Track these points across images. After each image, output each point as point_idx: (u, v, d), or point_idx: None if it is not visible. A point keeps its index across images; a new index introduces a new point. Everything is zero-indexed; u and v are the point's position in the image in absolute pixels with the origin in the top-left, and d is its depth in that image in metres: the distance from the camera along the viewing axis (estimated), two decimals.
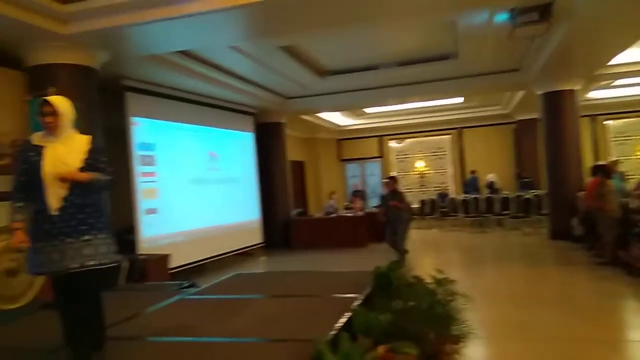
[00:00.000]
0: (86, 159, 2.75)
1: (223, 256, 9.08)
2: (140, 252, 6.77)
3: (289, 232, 11.04)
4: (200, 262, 8.33)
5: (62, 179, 2.62)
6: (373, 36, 7.37)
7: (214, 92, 8.83)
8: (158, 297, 4.60)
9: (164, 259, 6.53)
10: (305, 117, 12.89)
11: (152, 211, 7.45)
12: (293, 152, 13.48)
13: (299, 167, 15.36)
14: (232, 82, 8.58)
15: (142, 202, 7.27)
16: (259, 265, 9.48)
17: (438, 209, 13.54)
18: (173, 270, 6.90)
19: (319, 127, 14.96)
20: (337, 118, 15.07)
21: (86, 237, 2.68)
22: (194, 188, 8.52)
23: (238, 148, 10.24)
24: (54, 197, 2.66)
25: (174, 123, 8.21)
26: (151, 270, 6.08)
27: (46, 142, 2.74)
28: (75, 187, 2.69)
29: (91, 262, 2.68)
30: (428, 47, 8.20)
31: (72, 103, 2.83)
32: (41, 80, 5.23)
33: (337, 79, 9.55)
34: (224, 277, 5.45)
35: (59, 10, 4.91)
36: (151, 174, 7.54)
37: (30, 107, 4.44)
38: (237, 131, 10.20)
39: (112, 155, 6.48)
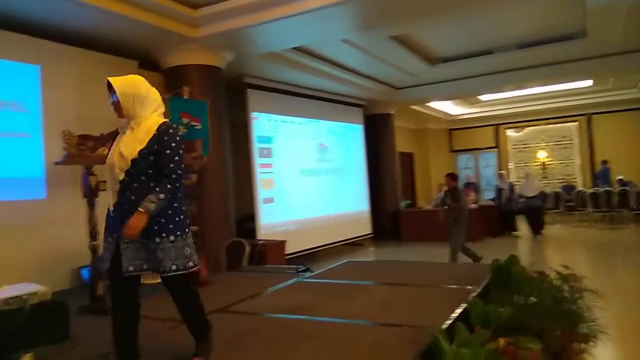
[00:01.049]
0: (142, 150, 2.32)
1: (333, 245, 9.36)
2: (260, 238, 7.25)
3: (397, 223, 10.99)
4: (312, 250, 8.67)
5: (128, 235, 2.31)
6: (489, 19, 7.01)
7: (325, 85, 9.09)
8: (277, 278, 4.92)
9: (281, 244, 6.92)
10: (415, 107, 12.68)
11: (269, 200, 7.93)
12: (402, 144, 13.35)
13: (407, 158, 15.17)
14: (343, 75, 8.75)
15: (261, 191, 7.76)
16: (369, 255, 9.59)
17: (563, 202, 12.49)
18: (288, 256, 7.29)
19: (429, 117, 14.61)
20: (449, 107, 14.57)
21: (142, 240, 2.36)
22: (306, 178, 8.89)
23: (348, 140, 10.42)
24: (111, 191, 2.44)
25: (288, 117, 8.62)
26: (269, 254, 6.49)
27: (121, 130, 2.49)
28: (130, 182, 2.36)
29: (145, 266, 2.40)
30: (551, 27, 7.58)
31: (140, 82, 2.45)
32: (176, 80, 5.84)
33: (449, 66, 9.24)
34: (336, 264, 5.63)
35: (191, 15, 5.43)
36: (268, 165, 8.02)
37: (170, 106, 4.97)
38: (346, 123, 10.38)
39: (235, 148, 7.12)
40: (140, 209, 2.28)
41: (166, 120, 2.46)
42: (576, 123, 14.83)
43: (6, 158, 4.57)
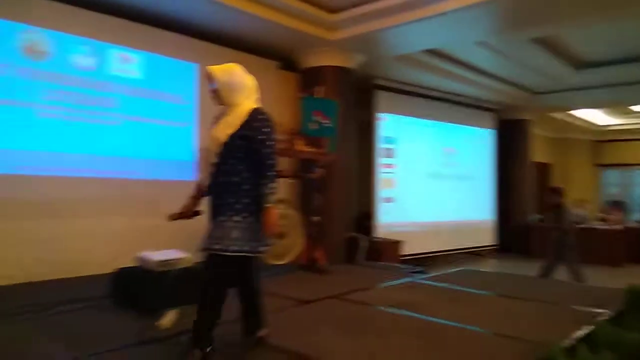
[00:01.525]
0: (233, 134, 2.42)
1: (451, 252, 9.11)
2: (376, 236, 7.39)
3: (525, 237, 10.28)
4: (429, 254, 8.56)
5: (272, 233, 2.51)
6: None
7: (455, 88, 8.87)
8: (391, 275, 5.02)
9: (397, 244, 6.99)
10: (554, 114, 11.71)
11: (389, 200, 8.02)
12: (537, 153, 12.42)
13: (543, 169, 14.06)
14: (475, 77, 8.46)
15: (381, 191, 7.89)
16: (489, 267, 9.16)
17: None
18: (403, 257, 7.31)
19: (571, 125, 13.36)
20: (596, 116, 13.17)
21: (221, 218, 2.44)
22: (428, 181, 8.79)
23: (475, 145, 10.04)
24: (205, 172, 2.56)
25: (414, 118, 8.60)
26: (385, 252, 6.60)
27: (220, 115, 2.58)
28: (221, 164, 2.46)
29: (216, 246, 2.41)
30: None
31: (236, 71, 2.53)
32: (311, 80, 6.23)
33: (598, 72, 8.39)
34: (452, 270, 5.55)
35: (328, 19, 5.74)
36: (391, 165, 8.11)
37: (303, 104, 5.36)
38: (475, 127, 10.00)
39: (360, 147, 7.34)
40: (266, 205, 2.41)
41: (258, 106, 2.52)
42: None
43: (167, 143, 5.32)
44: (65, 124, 4.57)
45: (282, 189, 6.21)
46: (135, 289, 3.52)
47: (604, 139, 14.74)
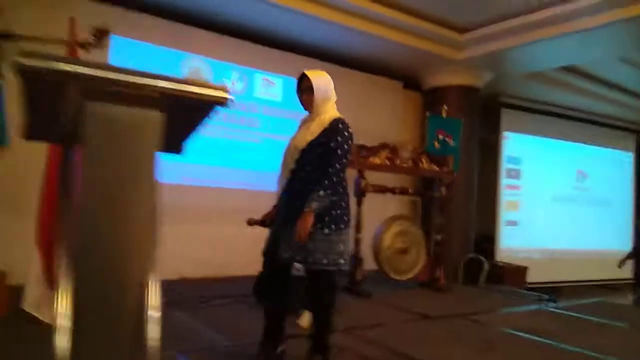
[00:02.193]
0: (312, 141, 2.40)
1: (581, 283, 8.41)
2: (498, 260, 7.13)
3: None
4: (556, 284, 8.00)
5: (300, 238, 2.35)
6: None
7: (591, 106, 8.28)
8: (516, 301, 4.86)
9: (522, 270, 6.69)
10: None
11: (512, 223, 7.70)
12: None
13: None
14: (614, 95, 7.83)
15: (504, 213, 7.61)
16: (626, 301, 8.28)
17: None
18: (527, 285, 6.95)
19: None
20: None
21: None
22: (557, 205, 8.27)
23: (613, 168, 9.21)
24: (283, 178, 2.52)
25: (542, 138, 8.19)
26: (508, 278, 6.36)
27: (303, 122, 2.56)
28: (297, 171, 2.44)
29: (297, 257, 2.38)
30: None
31: (329, 79, 2.53)
32: (435, 99, 6.32)
33: None
34: (587, 301, 5.20)
35: (457, 39, 5.80)
36: (515, 187, 7.80)
37: (428, 123, 5.46)
38: (612, 149, 9.19)
39: (483, 167, 7.20)
40: (306, 209, 2.32)
41: (340, 116, 2.49)
42: None
43: None
44: (220, 141, 5.20)
45: (403, 206, 6.39)
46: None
47: None
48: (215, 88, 1.44)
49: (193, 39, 5.04)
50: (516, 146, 7.87)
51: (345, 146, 2.40)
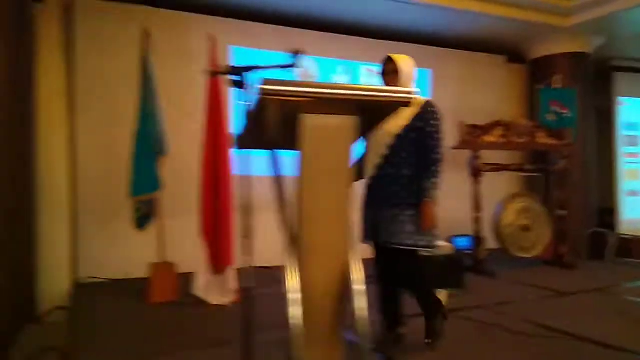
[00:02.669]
0: (407, 126, 2.40)
1: None
2: (622, 232, 6.73)
3: None
4: None
5: (428, 226, 2.41)
6: None
7: None
8: None
9: None
10: None
11: (633, 193, 7.21)
12: None
13: None
14: None
15: (625, 183, 7.14)
16: None
17: None
18: None
19: None
20: None
21: (394, 212, 2.40)
22: None
23: None
24: (370, 164, 2.51)
25: None
26: (636, 250, 6.01)
27: None
28: (391, 157, 2.44)
29: (394, 240, 2.39)
30: None
31: (412, 62, 2.53)
32: (542, 70, 6.08)
33: None
34: None
35: (563, 6, 5.54)
36: (635, 154, 7.28)
37: (540, 96, 5.30)
38: None
39: (599, 136, 6.81)
40: (427, 199, 2.37)
41: (429, 99, 2.50)
42: None
43: None
44: None
45: (516, 183, 6.25)
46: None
47: None
48: (401, 92, 1.63)
49: (298, 40, 5.31)
50: (633, 112, 7.33)
51: (441, 129, 2.44)
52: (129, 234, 3.88)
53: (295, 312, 1.60)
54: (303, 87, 1.49)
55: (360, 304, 1.74)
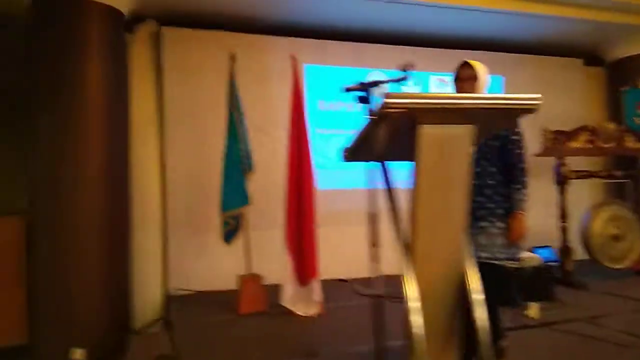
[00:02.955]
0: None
1: None
2: None
3: None
4: None
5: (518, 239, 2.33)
6: None
7: None
8: None
9: None
10: None
11: None
12: None
13: None
14: None
15: None
16: None
17: None
18: None
19: None
20: None
21: (482, 224, 2.29)
22: None
23: None
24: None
25: None
26: None
27: None
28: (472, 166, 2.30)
29: (483, 255, 2.24)
30: None
31: (487, 70, 2.46)
32: (625, 72, 5.78)
33: None
34: None
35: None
36: None
37: (625, 98, 5.02)
38: None
39: None
40: (518, 211, 2.30)
41: None
42: None
43: None
44: None
45: (602, 190, 5.93)
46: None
47: None
48: (523, 99, 1.61)
49: (369, 55, 5.39)
50: None
51: (523, 137, 2.37)
52: (215, 247, 4.05)
53: (416, 321, 1.61)
54: (425, 98, 1.53)
55: (480, 313, 1.73)
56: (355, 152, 1.90)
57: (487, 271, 2.25)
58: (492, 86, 5.76)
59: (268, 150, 4.51)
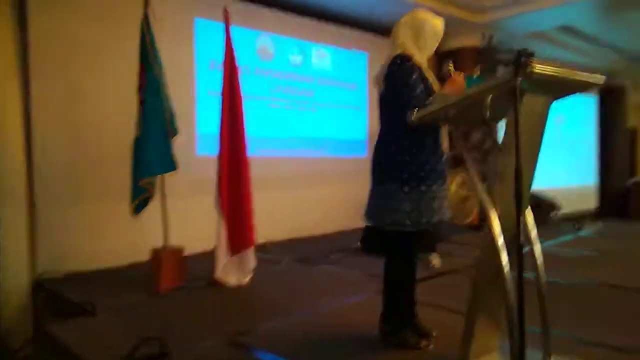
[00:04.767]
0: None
1: None
2: None
3: (625, 201, 10.60)
4: None
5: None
6: None
7: (560, 55, 9.17)
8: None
9: None
10: None
11: None
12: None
13: (629, 133, 14.18)
14: (577, 43, 8.67)
15: None
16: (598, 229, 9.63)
17: None
18: None
19: None
20: None
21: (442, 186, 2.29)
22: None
23: (582, 111, 10.52)
24: (446, 134, 2.33)
25: None
26: None
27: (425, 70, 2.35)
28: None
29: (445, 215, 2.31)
30: None
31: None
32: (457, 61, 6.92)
33: None
34: None
35: (477, 3, 6.37)
36: None
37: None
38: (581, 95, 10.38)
39: None
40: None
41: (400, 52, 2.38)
42: None
43: (343, 124, 6.18)
44: (283, 112, 5.50)
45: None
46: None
47: None
48: (581, 74, 1.89)
49: (260, 18, 5.22)
50: None
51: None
52: (111, 218, 3.54)
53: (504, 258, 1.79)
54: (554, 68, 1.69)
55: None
56: (446, 117, 1.92)
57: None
58: (358, 61, 6.27)
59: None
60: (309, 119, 5.80)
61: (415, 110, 2.05)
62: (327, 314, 2.93)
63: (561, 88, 1.89)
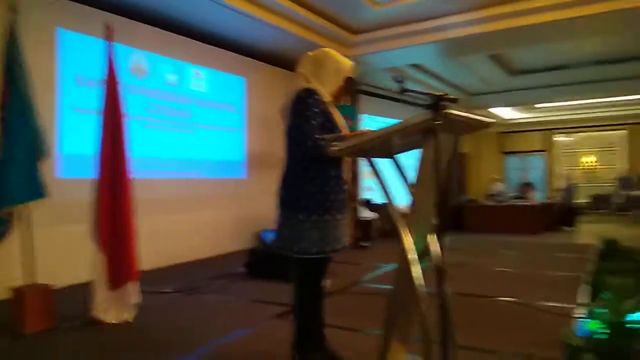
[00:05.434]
0: None
1: None
2: None
3: (459, 216, 12.03)
4: None
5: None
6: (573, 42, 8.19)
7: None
8: None
9: None
10: (475, 111, 13.89)
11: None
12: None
13: (463, 158, 16.44)
14: (423, 77, 9.91)
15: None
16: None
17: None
18: None
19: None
20: (504, 112, 15.74)
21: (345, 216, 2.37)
22: None
23: None
24: (348, 165, 2.41)
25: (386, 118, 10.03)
26: None
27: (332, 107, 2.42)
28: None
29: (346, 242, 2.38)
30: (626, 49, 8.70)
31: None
32: None
33: (526, 78, 10.52)
34: None
35: (350, 38, 6.88)
36: None
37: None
38: None
39: None
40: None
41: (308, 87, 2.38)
42: (623, 132, 15.92)
43: (221, 146, 6.09)
44: (162, 133, 5.22)
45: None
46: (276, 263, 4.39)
47: (507, 130, 17.59)
48: (481, 117, 2.15)
49: (135, 33, 4.91)
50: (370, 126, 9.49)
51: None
52: None
53: (416, 271, 1.93)
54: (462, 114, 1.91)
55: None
56: (362, 150, 2.00)
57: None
58: (236, 85, 6.26)
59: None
60: (188, 140, 5.60)
61: (336, 143, 2.04)
62: (227, 350, 2.78)
63: (464, 127, 2.16)
